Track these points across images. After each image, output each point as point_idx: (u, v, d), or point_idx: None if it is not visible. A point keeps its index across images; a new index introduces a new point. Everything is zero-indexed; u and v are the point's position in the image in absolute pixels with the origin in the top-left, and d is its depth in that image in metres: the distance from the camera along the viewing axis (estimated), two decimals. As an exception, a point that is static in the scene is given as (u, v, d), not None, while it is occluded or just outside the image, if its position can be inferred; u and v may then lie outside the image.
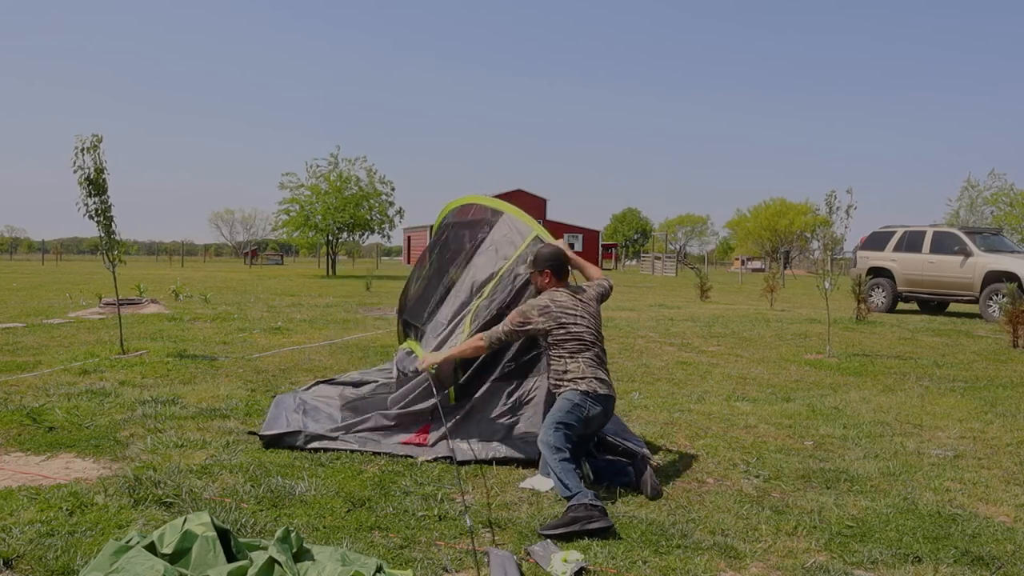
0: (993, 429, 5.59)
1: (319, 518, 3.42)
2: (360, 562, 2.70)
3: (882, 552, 3.23)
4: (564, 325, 4.14)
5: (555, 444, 3.80)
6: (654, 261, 48.36)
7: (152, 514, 3.40)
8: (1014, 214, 33.83)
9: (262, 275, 32.04)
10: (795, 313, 15.85)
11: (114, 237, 7.76)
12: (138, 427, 4.95)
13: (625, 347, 9.64)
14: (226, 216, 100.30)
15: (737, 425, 5.51)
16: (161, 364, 7.33)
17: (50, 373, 6.77)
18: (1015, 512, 3.80)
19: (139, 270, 31.73)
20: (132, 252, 64.50)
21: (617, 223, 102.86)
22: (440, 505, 3.64)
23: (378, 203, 32.70)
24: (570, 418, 3.94)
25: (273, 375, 7.06)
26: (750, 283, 33.63)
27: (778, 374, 7.90)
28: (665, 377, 7.51)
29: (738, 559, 3.15)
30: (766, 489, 4.07)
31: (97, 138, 7.45)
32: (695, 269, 39.86)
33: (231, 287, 21.56)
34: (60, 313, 12.33)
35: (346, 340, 9.69)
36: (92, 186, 7.48)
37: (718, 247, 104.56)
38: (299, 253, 59.07)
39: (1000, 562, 3.16)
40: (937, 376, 7.97)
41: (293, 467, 4.17)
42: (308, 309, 14.33)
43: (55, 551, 2.96)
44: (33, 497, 3.56)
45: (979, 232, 16.77)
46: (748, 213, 77.54)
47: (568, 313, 4.17)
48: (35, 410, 5.27)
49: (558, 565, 2.95)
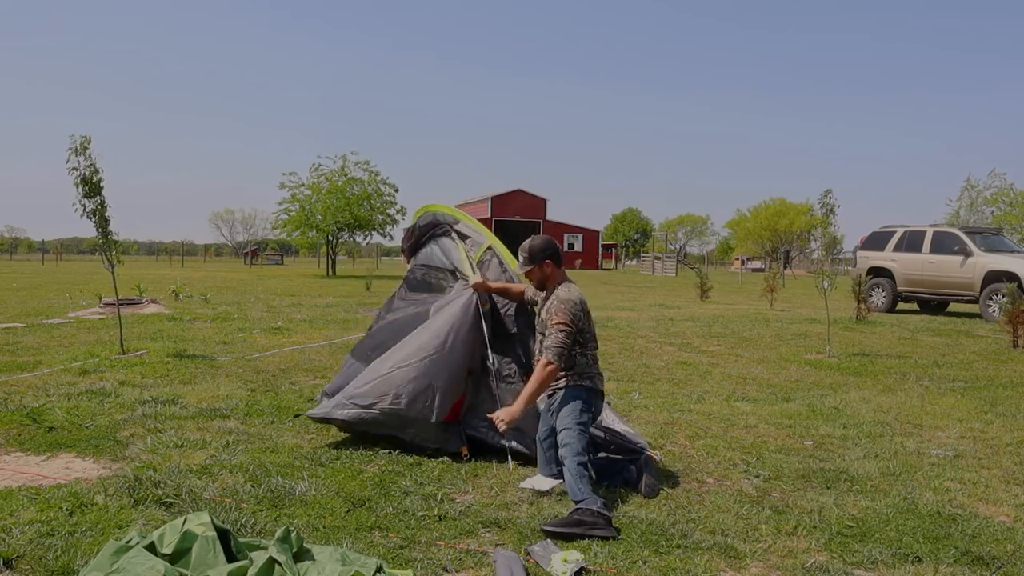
0: (993, 429, 5.59)
1: (319, 518, 3.42)
2: (360, 562, 2.70)
3: (882, 552, 3.23)
4: (589, 322, 4.10)
5: (578, 448, 3.74)
6: (654, 261, 48.35)
7: (152, 514, 3.40)
8: (1014, 214, 33.82)
9: (262, 275, 32.04)
10: (795, 313, 15.85)
11: (110, 237, 7.75)
12: (138, 427, 4.95)
13: (625, 347, 9.63)
14: (226, 216, 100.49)
15: (737, 425, 5.51)
16: (161, 364, 7.33)
17: (50, 373, 6.77)
18: (1015, 512, 3.80)
19: (139, 270, 31.72)
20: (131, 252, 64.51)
21: (617, 223, 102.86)
22: (440, 505, 3.64)
23: (380, 203, 32.72)
24: (585, 417, 3.93)
25: (273, 375, 7.06)
26: (750, 283, 33.63)
27: (778, 374, 7.90)
28: (665, 377, 7.51)
29: (738, 559, 3.15)
30: (766, 489, 4.07)
31: (85, 139, 7.40)
32: (695, 269, 39.87)
33: (231, 287, 21.56)
34: (60, 313, 12.33)
35: (346, 340, 9.68)
36: (87, 187, 7.46)
37: (718, 247, 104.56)
38: (299, 253, 59.07)
39: (1000, 562, 3.16)
40: (937, 376, 7.97)
41: (293, 467, 4.17)
42: (308, 309, 14.33)
43: (55, 551, 2.96)
44: (33, 497, 3.56)
45: (979, 232, 16.77)
46: (748, 213, 77.53)
47: (588, 309, 4.12)
48: (35, 410, 5.27)
49: (558, 565, 2.95)
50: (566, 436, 3.81)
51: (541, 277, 4.16)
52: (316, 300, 16.83)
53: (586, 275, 42.84)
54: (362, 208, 31.92)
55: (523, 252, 4.19)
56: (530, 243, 4.17)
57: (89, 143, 7.42)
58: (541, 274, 4.15)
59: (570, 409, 3.90)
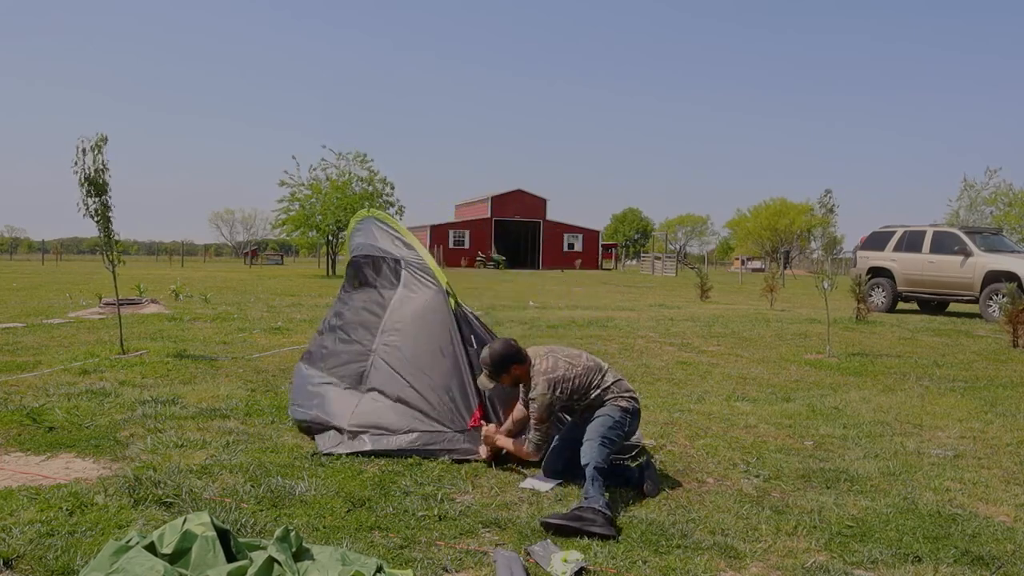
0: (993, 429, 5.59)
1: (319, 518, 3.42)
2: (360, 562, 2.70)
3: (882, 552, 3.23)
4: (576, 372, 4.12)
5: (598, 459, 3.79)
6: (654, 261, 48.36)
7: (152, 514, 3.40)
8: (1013, 214, 33.85)
9: (262, 275, 32.04)
10: (795, 313, 15.85)
11: (113, 237, 7.75)
12: (138, 427, 4.95)
13: (625, 347, 9.64)
14: (226, 216, 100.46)
15: (737, 425, 5.51)
16: (161, 364, 7.33)
17: (50, 373, 6.77)
18: (1015, 512, 3.80)
19: (139, 270, 31.72)
20: (131, 252, 64.50)
21: (617, 223, 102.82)
22: (440, 505, 3.64)
23: (380, 203, 32.73)
24: (613, 434, 3.98)
25: (273, 375, 7.06)
26: (750, 283, 33.63)
27: (778, 374, 7.90)
28: (665, 377, 7.51)
29: (738, 559, 3.15)
30: (766, 489, 4.07)
31: (101, 137, 7.42)
32: (695, 269, 39.86)
33: (231, 287, 21.56)
34: (60, 313, 12.33)
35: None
36: (92, 186, 7.46)
37: (718, 247, 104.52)
38: (299, 253, 59.08)
39: (1000, 562, 3.16)
40: (937, 376, 7.97)
41: (293, 467, 4.17)
42: (308, 309, 14.33)
43: (55, 551, 2.96)
44: (33, 497, 3.56)
45: (979, 232, 16.77)
46: (748, 213, 77.43)
47: (561, 362, 4.13)
48: (35, 410, 5.27)
49: (558, 565, 2.95)
50: (588, 447, 3.87)
51: (513, 381, 4.24)
52: (316, 300, 16.83)
53: (586, 275, 42.85)
54: (363, 207, 31.95)
55: (484, 366, 4.19)
56: (489, 355, 4.14)
57: (105, 142, 7.41)
58: (511, 379, 4.22)
59: (601, 423, 4.00)
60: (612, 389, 4.13)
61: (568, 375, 4.09)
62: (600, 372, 4.18)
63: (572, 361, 4.16)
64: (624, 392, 4.15)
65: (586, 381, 4.11)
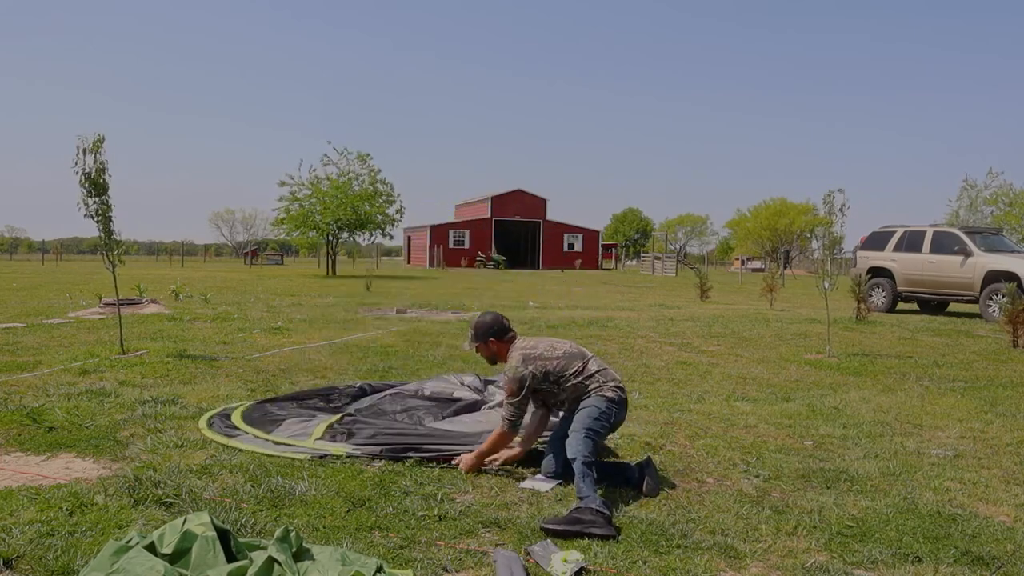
0: (993, 429, 5.59)
1: (319, 518, 3.42)
2: (360, 562, 2.70)
3: (882, 552, 3.23)
4: (555, 355, 4.15)
5: (584, 452, 3.82)
6: (654, 261, 48.35)
7: (152, 514, 3.40)
8: (1014, 214, 33.85)
9: (262, 275, 32.04)
10: (795, 313, 15.85)
11: (113, 237, 7.76)
12: (138, 427, 4.95)
13: (625, 347, 9.64)
14: (226, 216, 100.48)
15: (737, 425, 5.51)
16: (161, 364, 7.33)
17: (50, 373, 6.77)
18: (1015, 512, 3.80)
19: (139, 270, 31.72)
20: (132, 252, 64.48)
21: (617, 223, 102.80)
22: (440, 505, 3.64)
23: (380, 202, 32.74)
24: (598, 424, 4.00)
25: (273, 375, 7.06)
26: (750, 283, 33.63)
27: (778, 374, 7.90)
28: (665, 377, 7.51)
29: (738, 559, 3.15)
30: (766, 489, 4.07)
31: (100, 138, 7.45)
32: (695, 269, 39.86)
33: (231, 287, 21.56)
34: (60, 313, 12.33)
35: (346, 340, 9.69)
36: (93, 186, 7.47)
37: (718, 247, 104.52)
38: (299, 253, 59.08)
39: (1000, 562, 3.16)
40: (937, 376, 7.97)
41: (293, 467, 4.17)
42: (308, 309, 14.33)
43: (55, 551, 2.96)
44: (33, 497, 3.56)
45: (979, 232, 16.77)
46: (748, 213, 77.53)
47: (543, 343, 4.22)
48: (35, 410, 5.27)
49: (558, 565, 2.95)
50: (574, 439, 3.91)
51: (489, 354, 4.37)
52: (316, 300, 16.83)
53: (586, 275, 42.86)
54: (364, 207, 31.96)
55: (470, 328, 4.39)
56: (477, 320, 4.37)
57: (102, 142, 7.46)
58: (488, 351, 4.35)
59: (587, 414, 4.02)
60: (596, 378, 4.13)
61: (546, 355, 4.14)
62: (582, 360, 4.19)
63: (554, 345, 4.22)
64: (609, 381, 4.15)
65: (564, 366, 4.13)
